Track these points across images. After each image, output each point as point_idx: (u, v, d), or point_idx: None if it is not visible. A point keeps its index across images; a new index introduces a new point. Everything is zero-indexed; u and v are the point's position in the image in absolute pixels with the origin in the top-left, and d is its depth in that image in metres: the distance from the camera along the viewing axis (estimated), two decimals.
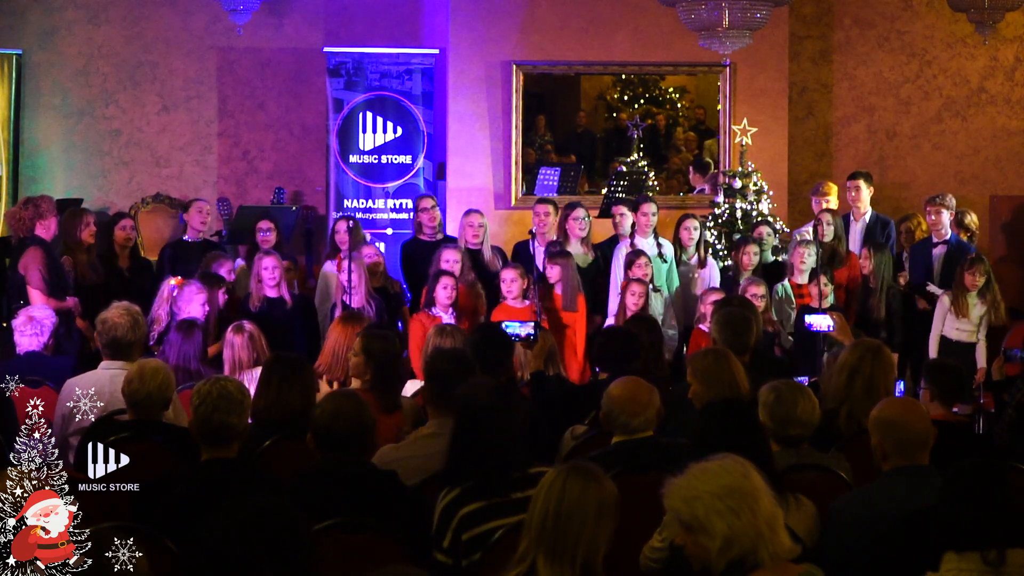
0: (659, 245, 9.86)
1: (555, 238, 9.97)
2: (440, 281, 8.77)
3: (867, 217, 10.50)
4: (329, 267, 9.74)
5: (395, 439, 5.57)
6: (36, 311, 7.34)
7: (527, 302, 8.91)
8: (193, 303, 8.30)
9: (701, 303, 9.03)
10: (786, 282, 9.45)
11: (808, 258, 9.47)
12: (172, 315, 8.32)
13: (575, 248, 9.82)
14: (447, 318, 8.56)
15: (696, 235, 10.00)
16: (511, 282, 8.93)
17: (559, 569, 3.56)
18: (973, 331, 9.12)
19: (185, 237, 10.17)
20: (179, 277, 8.80)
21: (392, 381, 6.16)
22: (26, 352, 7.22)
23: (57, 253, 9.07)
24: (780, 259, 10.08)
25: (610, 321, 9.05)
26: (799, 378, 6.45)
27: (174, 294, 8.43)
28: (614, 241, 10.11)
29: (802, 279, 9.49)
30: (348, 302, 8.79)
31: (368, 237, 10.88)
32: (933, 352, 9.14)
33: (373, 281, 9.19)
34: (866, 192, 10.53)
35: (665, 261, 9.81)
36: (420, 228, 10.26)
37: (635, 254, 9.41)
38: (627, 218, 10.03)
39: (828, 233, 9.76)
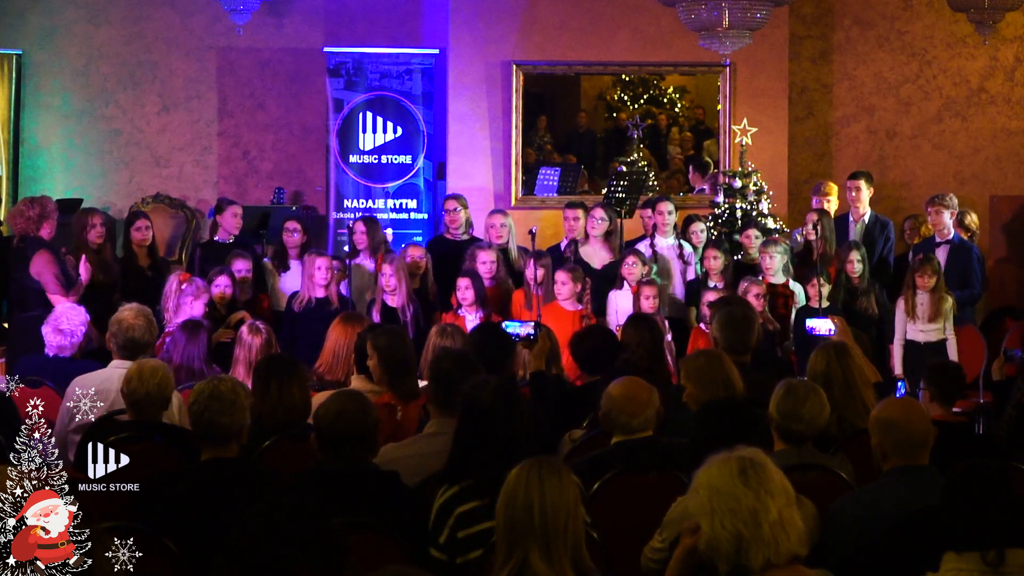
0: (680, 246, 9.89)
1: (576, 239, 10.01)
2: (457, 283, 8.82)
3: (866, 218, 10.50)
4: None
5: (418, 427, 5.60)
6: (64, 322, 7.30)
7: (580, 306, 8.94)
8: (199, 300, 8.33)
9: (701, 303, 9.05)
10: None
11: (771, 259, 9.47)
12: (178, 311, 8.33)
13: (596, 248, 9.83)
14: (472, 319, 8.58)
15: (704, 237, 10.00)
16: (562, 284, 8.94)
17: (557, 560, 3.60)
18: (940, 328, 9.09)
19: (216, 238, 10.16)
20: (185, 273, 8.79)
21: (401, 372, 6.18)
22: (54, 355, 7.23)
23: (62, 253, 9.08)
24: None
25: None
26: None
27: (183, 290, 8.44)
28: (642, 240, 10.13)
29: (775, 279, 9.49)
30: (387, 303, 8.84)
31: (390, 235, 10.88)
32: (899, 359, 9.09)
33: (412, 283, 9.19)
34: (866, 192, 10.53)
35: (687, 263, 9.83)
36: (447, 228, 10.30)
37: (627, 253, 9.44)
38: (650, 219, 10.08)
39: (817, 233, 9.77)
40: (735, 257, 9.98)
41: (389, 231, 11.85)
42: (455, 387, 5.08)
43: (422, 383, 6.64)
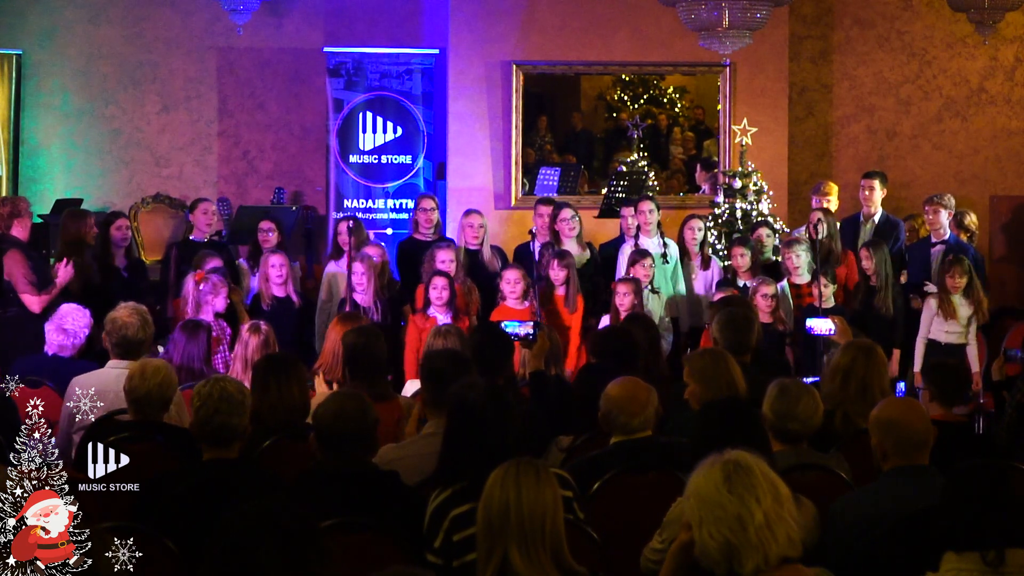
0: (664, 245, 9.88)
1: (547, 239, 9.98)
2: (432, 282, 8.80)
3: (877, 217, 10.49)
4: (333, 267, 9.75)
5: (395, 428, 5.58)
6: (68, 322, 7.31)
7: (527, 303, 8.92)
8: (219, 296, 8.35)
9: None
10: (784, 283, 9.44)
11: (797, 258, 9.47)
12: (199, 310, 8.34)
13: (571, 248, 9.83)
14: (443, 319, 8.57)
15: (700, 236, 10.01)
16: (514, 283, 8.93)
17: (536, 559, 3.62)
18: (963, 332, 9.09)
19: (192, 237, 10.18)
20: (200, 271, 8.80)
21: (370, 371, 6.16)
22: (53, 353, 7.25)
23: (33, 253, 9.05)
24: (779, 259, 10.08)
25: (604, 322, 9.01)
26: (807, 379, 6.44)
27: (200, 289, 8.45)
28: (620, 241, 10.12)
29: (800, 279, 9.50)
30: (356, 301, 8.84)
31: (371, 236, 10.88)
32: (919, 356, 9.08)
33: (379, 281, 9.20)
34: (879, 192, 10.51)
35: (668, 262, 9.82)
36: (416, 227, 10.27)
37: (639, 254, 9.41)
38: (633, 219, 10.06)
39: (821, 232, 9.76)
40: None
41: (389, 231, 11.87)
42: (448, 386, 5.09)
43: (412, 383, 6.65)
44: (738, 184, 10.77)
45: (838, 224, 10.46)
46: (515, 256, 10.07)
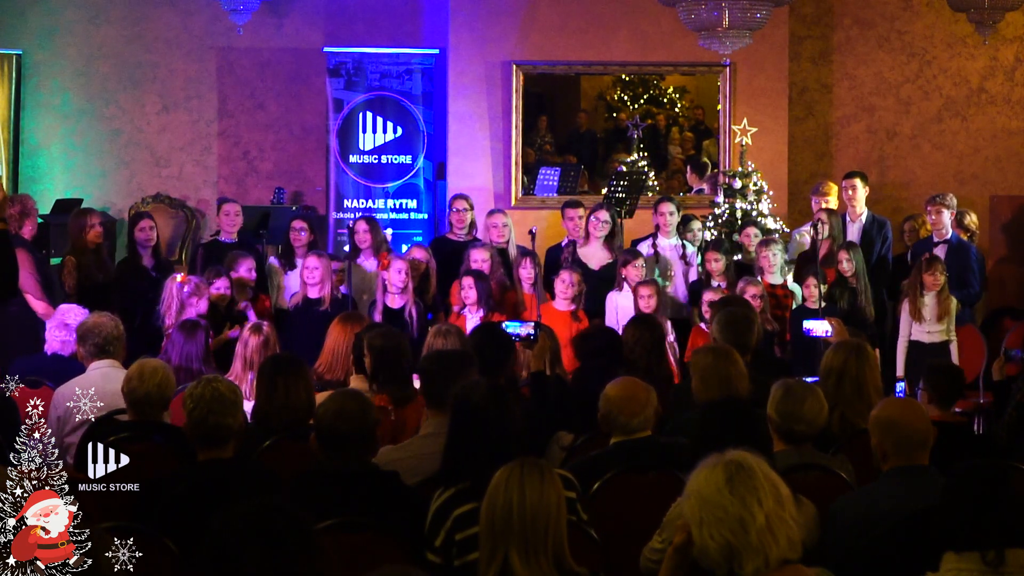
0: (683, 246, 9.92)
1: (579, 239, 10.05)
2: (462, 282, 8.84)
3: (863, 218, 10.49)
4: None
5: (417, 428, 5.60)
6: (70, 317, 7.33)
7: (573, 305, 8.96)
8: (202, 298, 8.35)
9: (702, 303, 9.04)
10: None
11: (774, 257, 9.51)
12: (182, 312, 8.34)
13: (593, 249, 9.85)
14: (473, 318, 8.60)
15: (699, 237, 10.15)
16: (569, 284, 8.95)
17: (535, 562, 3.62)
18: (944, 330, 9.09)
19: (220, 238, 10.20)
20: (183, 274, 8.81)
21: (395, 374, 6.17)
22: (53, 353, 7.27)
23: (41, 253, 9.07)
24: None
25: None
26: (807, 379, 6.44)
27: (183, 290, 8.45)
28: (638, 242, 10.17)
29: (773, 279, 9.51)
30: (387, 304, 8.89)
31: (390, 235, 10.89)
32: (901, 361, 9.07)
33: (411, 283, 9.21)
34: (862, 192, 10.52)
35: (689, 264, 9.86)
36: (451, 227, 10.30)
37: (630, 254, 9.44)
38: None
39: (823, 232, 9.76)
40: (735, 257, 9.99)
41: (389, 231, 11.87)
42: (441, 385, 5.10)
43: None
44: (738, 184, 10.78)
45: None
46: (547, 258, 10.10)
